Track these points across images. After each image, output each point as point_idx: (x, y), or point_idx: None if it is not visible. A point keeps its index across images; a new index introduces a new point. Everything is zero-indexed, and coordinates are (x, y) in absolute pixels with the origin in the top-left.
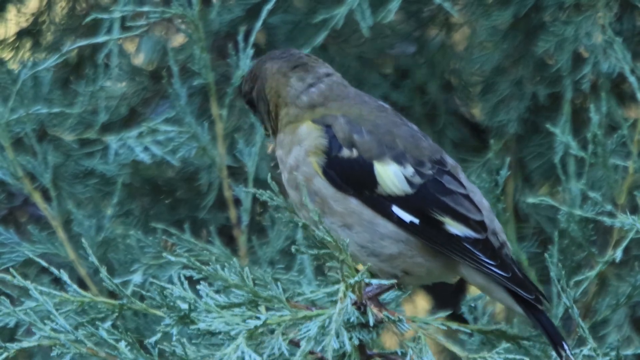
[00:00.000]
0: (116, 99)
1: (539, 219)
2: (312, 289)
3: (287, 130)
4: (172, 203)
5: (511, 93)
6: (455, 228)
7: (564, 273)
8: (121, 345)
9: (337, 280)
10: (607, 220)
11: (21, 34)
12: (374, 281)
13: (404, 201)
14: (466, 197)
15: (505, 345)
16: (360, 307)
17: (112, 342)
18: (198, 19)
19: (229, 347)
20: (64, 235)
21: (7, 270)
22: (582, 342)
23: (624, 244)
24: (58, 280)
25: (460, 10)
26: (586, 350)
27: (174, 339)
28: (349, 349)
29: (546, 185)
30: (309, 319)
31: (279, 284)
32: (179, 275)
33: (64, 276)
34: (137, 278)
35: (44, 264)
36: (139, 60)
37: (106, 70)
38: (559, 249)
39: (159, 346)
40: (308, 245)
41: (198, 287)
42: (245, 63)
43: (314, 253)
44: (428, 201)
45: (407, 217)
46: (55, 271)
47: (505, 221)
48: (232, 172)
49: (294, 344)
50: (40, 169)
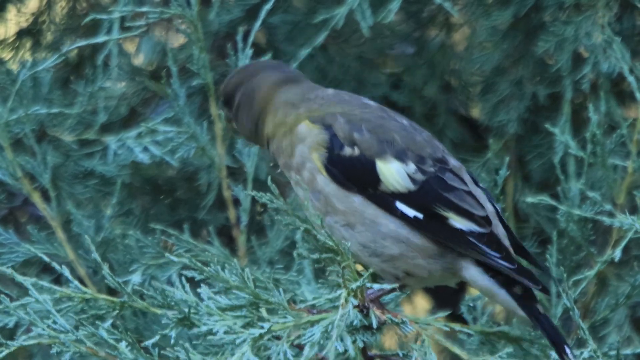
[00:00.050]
0: (115, 99)
1: (539, 219)
2: (312, 290)
3: (281, 134)
4: (172, 203)
5: (511, 93)
6: (459, 223)
7: (564, 274)
8: (121, 345)
9: (338, 284)
10: (607, 219)
11: (21, 33)
12: (376, 286)
13: (407, 198)
14: (469, 194)
15: (507, 350)
16: (363, 310)
17: (112, 342)
18: (197, 19)
19: (234, 357)
20: (63, 236)
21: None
22: (582, 343)
23: (623, 244)
24: (58, 281)
25: (460, 11)
26: (586, 352)
27: (172, 341)
28: (352, 354)
29: (546, 185)
30: (311, 323)
31: (280, 289)
32: (180, 277)
33: (66, 272)
34: (136, 278)
35: (46, 259)
36: (139, 60)
37: (106, 71)
38: (558, 249)
39: (163, 352)
40: (309, 249)
41: (199, 290)
42: (244, 63)
43: (316, 257)
44: (431, 197)
45: (411, 213)
46: (57, 266)
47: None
48: (232, 172)
49: (297, 348)
50: (39, 170)
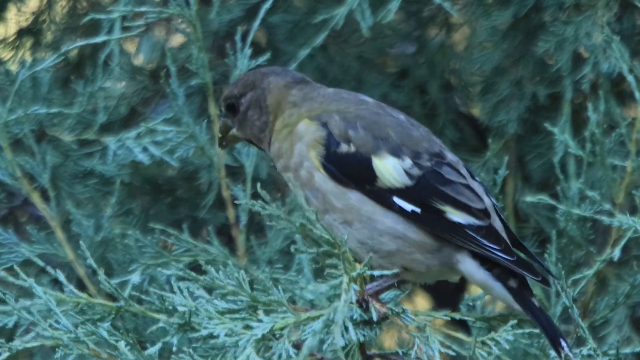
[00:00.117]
0: (115, 98)
1: (539, 219)
2: (312, 290)
3: (282, 135)
4: (173, 202)
5: (511, 93)
6: (457, 216)
7: (563, 273)
8: (121, 345)
9: (338, 275)
10: (606, 219)
11: (21, 33)
12: (376, 272)
13: (404, 193)
14: (467, 187)
15: (512, 322)
16: (362, 305)
17: (113, 342)
18: (195, 18)
19: (238, 359)
20: (63, 236)
21: (7, 270)
22: (582, 342)
23: (622, 243)
24: (58, 281)
25: (460, 10)
26: (585, 350)
27: (174, 348)
28: (355, 339)
29: (546, 185)
30: (312, 320)
31: (279, 287)
32: (178, 284)
33: (61, 276)
34: (136, 278)
35: (41, 263)
36: (139, 60)
37: (106, 70)
38: (557, 248)
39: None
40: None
41: (195, 294)
42: (243, 63)
43: (313, 252)
44: (428, 192)
45: (409, 207)
46: (51, 271)
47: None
48: (232, 172)
49: (296, 347)
50: (38, 169)
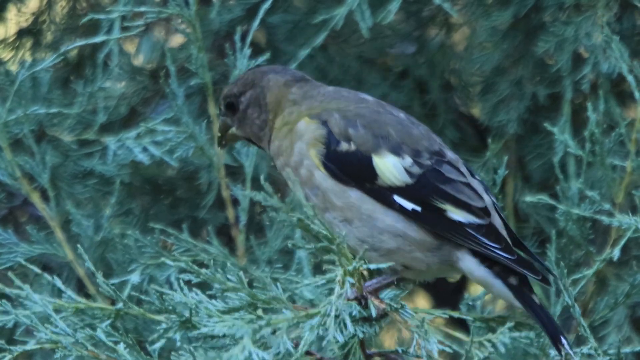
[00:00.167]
0: (115, 98)
1: (539, 219)
2: (311, 289)
3: (282, 133)
4: (172, 202)
5: (511, 93)
6: (457, 215)
7: (565, 272)
8: (120, 347)
9: (333, 269)
10: (605, 219)
11: (21, 33)
12: (372, 266)
13: (404, 191)
14: (467, 185)
15: (509, 324)
16: (361, 302)
17: (111, 345)
18: (195, 18)
19: (235, 348)
20: (63, 236)
21: (8, 269)
22: (582, 341)
23: (622, 243)
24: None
25: (460, 11)
26: (586, 349)
27: (177, 344)
28: (352, 331)
29: (546, 185)
30: (310, 317)
31: (278, 284)
32: (178, 280)
33: (58, 282)
34: (135, 278)
35: (37, 270)
36: (139, 60)
37: (105, 70)
38: (557, 248)
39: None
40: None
41: (193, 293)
42: (243, 63)
43: (311, 247)
44: (428, 190)
45: (410, 206)
46: (48, 277)
47: None
48: (232, 172)
49: (296, 346)
50: (38, 169)
